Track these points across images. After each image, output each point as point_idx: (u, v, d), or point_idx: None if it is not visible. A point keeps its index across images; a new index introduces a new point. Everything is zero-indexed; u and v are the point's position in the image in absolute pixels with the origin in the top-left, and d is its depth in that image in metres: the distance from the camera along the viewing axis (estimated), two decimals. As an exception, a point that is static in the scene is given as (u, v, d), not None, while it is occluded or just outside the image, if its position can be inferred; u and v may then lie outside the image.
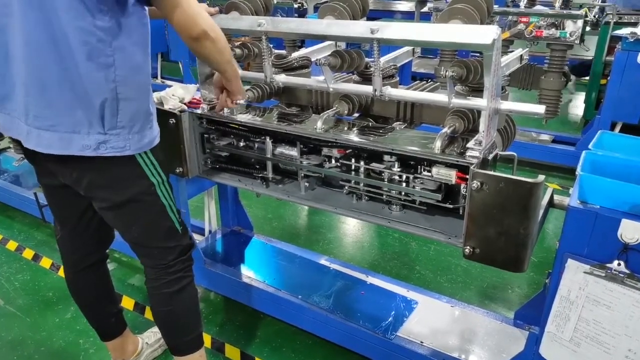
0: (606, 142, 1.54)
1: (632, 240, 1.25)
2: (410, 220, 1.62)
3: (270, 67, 1.80)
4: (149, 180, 1.55)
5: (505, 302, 2.47)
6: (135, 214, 1.60)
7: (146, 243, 1.67)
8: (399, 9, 6.36)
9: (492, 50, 1.27)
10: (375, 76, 1.56)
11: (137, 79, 1.44)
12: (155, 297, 1.72)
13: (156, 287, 1.70)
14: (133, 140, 1.47)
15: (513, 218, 1.31)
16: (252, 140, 1.87)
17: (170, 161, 1.96)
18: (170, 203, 1.64)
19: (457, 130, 1.50)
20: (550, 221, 2.93)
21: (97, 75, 1.35)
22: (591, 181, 1.30)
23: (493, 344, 1.87)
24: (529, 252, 1.35)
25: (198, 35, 1.41)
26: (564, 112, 5.16)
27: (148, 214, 1.61)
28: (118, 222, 1.64)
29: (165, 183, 1.62)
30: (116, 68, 1.37)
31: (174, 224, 1.66)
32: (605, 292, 1.31)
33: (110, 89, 1.38)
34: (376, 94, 1.59)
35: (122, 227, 1.65)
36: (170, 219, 1.65)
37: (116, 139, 1.43)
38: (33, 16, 1.30)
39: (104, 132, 1.41)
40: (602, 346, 1.35)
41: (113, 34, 1.35)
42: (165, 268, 1.68)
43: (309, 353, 2.16)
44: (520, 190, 1.28)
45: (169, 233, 1.66)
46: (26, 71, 1.36)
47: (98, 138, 1.41)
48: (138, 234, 1.65)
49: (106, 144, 1.43)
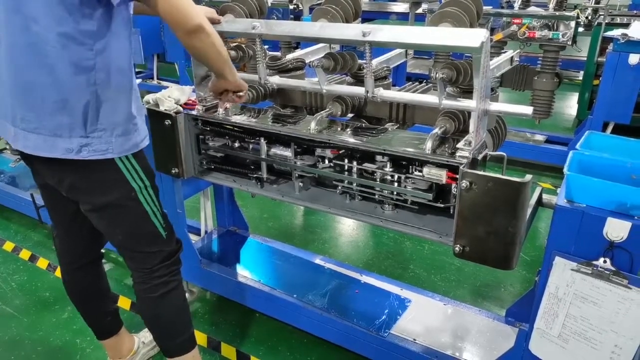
0: (594, 142, 1.57)
1: (617, 238, 1.28)
2: (403, 219, 1.65)
3: (264, 69, 1.83)
4: (129, 185, 1.55)
5: (498, 300, 2.50)
6: (116, 219, 1.60)
7: (129, 247, 1.68)
8: (393, 10, 6.40)
9: (481, 53, 1.30)
10: (368, 78, 1.58)
11: (119, 82, 1.44)
12: (141, 300, 1.73)
13: (142, 290, 1.71)
14: (116, 143, 1.47)
15: (501, 217, 1.34)
16: (247, 141, 1.89)
17: (165, 162, 1.98)
18: (154, 209, 1.64)
19: (447, 131, 1.53)
20: (542, 220, 2.96)
21: (78, 78, 1.35)
22: (578, 180, 1.33)
23: (484, 341, 1.90)
24: (517, 250, 1.38)
25: (194, 28, 1.38)
26: (558, 113, 5.20)
27: (129, 219, 1.60)
28: (101, 225, 1.63)
29: (149, 189, 1.61)
30: (97, 71, 1.37)
31: (157, 229, 1.65)
32: (592, 289, 1.34)
33: (91, 92, 1.38)
34: (368, 95, 1.61)
35: (105, 230, 1.65)
36: (153, 224, 1.64)
37: (98, 141, 1.44)
38: (14, 21, 1.31)
39: (85, 135, 1.41)
40: (590, 342, 1.38)
41: (95, 38, 1.35)
42: (150, 272, 1.68)
43: (304, 351, 2.18)
44: (508, 189, 1.31)
45: (152, 238, 1.66)
46: (10, 74, 1.38)
47: (80, 141, 1.42)
48: (121, 237, 1.65)
49: (88, 146, 1.43)
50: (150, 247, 1.66)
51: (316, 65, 1.64)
